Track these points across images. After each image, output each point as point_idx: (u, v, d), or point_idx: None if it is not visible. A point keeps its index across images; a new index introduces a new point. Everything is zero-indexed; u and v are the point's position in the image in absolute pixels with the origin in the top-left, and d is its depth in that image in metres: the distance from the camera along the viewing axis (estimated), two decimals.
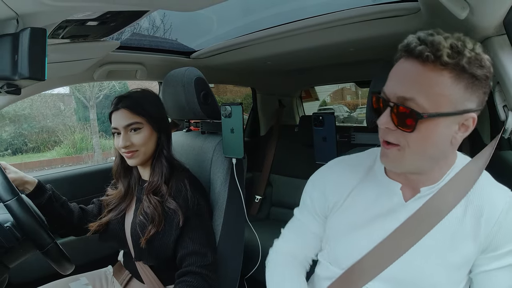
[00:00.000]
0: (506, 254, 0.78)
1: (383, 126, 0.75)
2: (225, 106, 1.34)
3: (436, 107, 0.70)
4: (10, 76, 0.72)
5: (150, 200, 1.18)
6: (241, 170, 1.39)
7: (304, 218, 1.03)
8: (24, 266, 1.44)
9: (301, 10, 1.58)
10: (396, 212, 0.84)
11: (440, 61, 0.68)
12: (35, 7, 0.71)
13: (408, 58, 0.73)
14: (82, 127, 9.89)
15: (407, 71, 0.72)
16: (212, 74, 2.14)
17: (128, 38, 1.75)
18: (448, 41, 0.69)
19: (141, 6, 0.88)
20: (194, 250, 1.14)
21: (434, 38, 0.70)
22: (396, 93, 0.73)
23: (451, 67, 0.69)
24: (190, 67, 1.43)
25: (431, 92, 0.70)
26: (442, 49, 0.68)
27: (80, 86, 9.24)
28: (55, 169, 8.44)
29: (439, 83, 0.70)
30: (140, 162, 1.23)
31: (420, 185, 0.83)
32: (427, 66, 0.70)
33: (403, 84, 0.72)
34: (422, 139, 0.73)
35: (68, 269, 1.00)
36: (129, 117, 1.19)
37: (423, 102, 0.70)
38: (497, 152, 1.80)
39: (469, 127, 0.75)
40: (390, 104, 0.74)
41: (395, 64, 0.77)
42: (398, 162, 0.78)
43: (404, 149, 0.75)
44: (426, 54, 0.69)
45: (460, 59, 0.68)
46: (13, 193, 0.94)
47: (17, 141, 9.34)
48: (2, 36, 0.73)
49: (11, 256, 0.96)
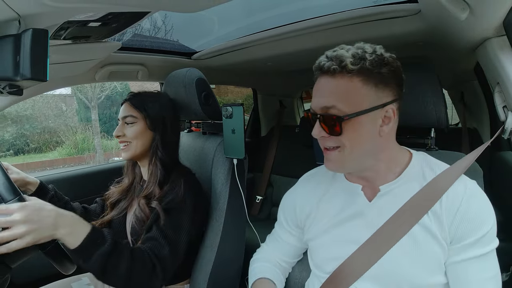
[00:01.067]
0: (471, 245, 0.80)
1: (318, 136, 0.85)
2: (226, 106, 1.35)
3: (355, 108, 0.80)
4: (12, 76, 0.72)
5: (139, 204, 1.20)
6: (242, 171, 1.39)
7: (281, 232, 1.11)
8: (26, 266, 1.44)
9: (302, 11, 1.58)
10: (363, 212, 0.89)
11: (346, 69, 0.78)
12: (37, 8, 0.72)
13: (322, 75, 0.83)
14: (83, 127, 9.92)
15: (323, 85, 0.83)
16: (213, 75, 2.14)
17: (129, 39, 1.76)
18: (350, 51, 0.80)
19: (142, 7, 0.88)
20: (154, 237, 1.10)
21: (338, 53, 0.80)
22: (320, 105, 0.83)
23: (357, 71, 0.78)
24: (191, 68, 1.44)
25: (346, 96, 0.80)
26: (345, 59, 0.78)
27: (82, 87, 9.27)
28: (57, 169, 8.46)
29: (351, 87, 0.79)
30: (131, 156, 1.25)
31: (378, 183, 0.89)
32: (336, 77, 0.80)
33: (323, 96, 0.83)
34: (353, 138, 0.81)
35: (70, 269, 0.99)
36: (127, 110, 1.25)
37: (342, 107, 0.80)
38: (497, 152, 1.80)
39: (391, 118, 0.83)
40: (317, 116, 0.84)
41: (315, 83, 0.87)
42: (341, 163, 0.86)
43: (343, 149, 0.83)
44: (333, 67, 0.79)
45: (363, 63, 0.78)
46: (14, 193, 0.94)
47: (19, 141, 9.37)
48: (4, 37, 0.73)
49: (13, 256, 0.96)
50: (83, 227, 0.95)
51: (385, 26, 1.33)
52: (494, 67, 0.96)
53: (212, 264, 1.28)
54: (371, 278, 0.85)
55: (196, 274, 1.31)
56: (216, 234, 1.31)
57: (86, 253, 0.94)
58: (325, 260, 0.94)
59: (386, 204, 0.86)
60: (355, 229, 0.89)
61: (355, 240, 0.87)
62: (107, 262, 0.96)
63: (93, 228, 0.97)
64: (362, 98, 0.80)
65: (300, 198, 1.04)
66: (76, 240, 0.92)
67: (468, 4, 0.89)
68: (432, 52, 1.66)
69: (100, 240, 0.97)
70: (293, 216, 1.05)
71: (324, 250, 0.95)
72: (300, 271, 1.13)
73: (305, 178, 1.09)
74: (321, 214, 0.97)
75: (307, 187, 1.05)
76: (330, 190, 0.98)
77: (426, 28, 1.26)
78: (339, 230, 0.92)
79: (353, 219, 0.90)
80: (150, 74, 1.87)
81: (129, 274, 1.00)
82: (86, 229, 0.95)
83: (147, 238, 1.11)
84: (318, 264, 0.98)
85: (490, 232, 0.80)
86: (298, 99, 3.24)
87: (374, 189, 0.89)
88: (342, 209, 0.93)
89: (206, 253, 1.31)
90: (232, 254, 1.36)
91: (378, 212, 0.87)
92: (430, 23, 1.21)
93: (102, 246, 0.96)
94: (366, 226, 0.87)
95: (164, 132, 1.25)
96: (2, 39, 0.74)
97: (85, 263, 0.95)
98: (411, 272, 0.82)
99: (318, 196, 0.99)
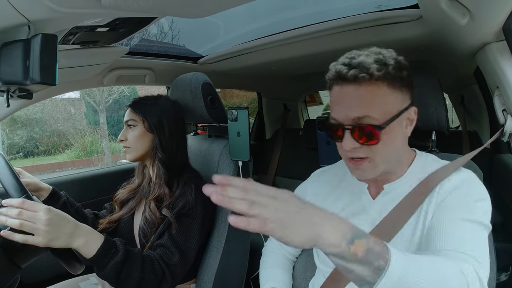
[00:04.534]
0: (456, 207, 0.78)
1: (350, 148, 0.81)
2: (231, 110, 1.36)
3: (387, 115, 0.79)
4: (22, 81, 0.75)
5: (149, 207, 1.22)
6: (247, 173, 1.41)
7: None
8: (35, 266, 1.47)
9: (306, 17, 1.60)
10: (367, 208, 0.92)
11: (373, 77, 0.77)
12: (46, 14, 0.74)
13: (345, 84, 0.80)
14: (92, 130, 10.00)
15: (349, 95, 0.79)
16: (219, 79, 2.17)
17: (137, 44, 1.78)
18: (371, 57, 0.78)
19: (149, 12, 0.90)
20: (165, 245, 1.14)
21: (360, 60, 0.78)
22: (350, 117, 0.79)
23: (383, 77, 0.77)
24: (197, 72, 1.46)
25: (377, 104, 0.78)
26: (370, 66, 0.76)
27: (90, 90, 9.34)
28: (66, 171, 8.53)
29: (380, 94, 0.78)
30: (133, 157, 1.29)
31: (383, 182, 0.90)
32: (363, 85, 0.78)
33: (352, 107, 0.79)
34: (387, 145, 0.80)
35: (78, 269, 1.01)
36: (129, 115, 1.29)
37: (376, 115, 0.78)
38: (497, 155, 1.81)
39: (414, 119, 0.84)
40: (348, 128, 0.80)
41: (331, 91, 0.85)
42: (372, 171, 0.84)
43: (374, 159, 0.82)
44: (361, 75, 0.76)
45: (387, 69, 0.77)
46: (22, 190, 0.97)
47: (29, 144, 9.47)
48: (14, 42, 0.76)
49: (22, 256, 0.98)
50: (97, 238, 0.99)
51: (387, 31, 1.35)
52: (494, 71, 0.97)
53: (218, 265, 1.30)
54: None
55: (202, 274, 1.33)
56: (221, 235, 1.33)
57: (100, 263, 0.98)
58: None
59: (389, 202, 0.88)
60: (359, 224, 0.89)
61: None
62: (120, 272, 1.01)
63: (106, 239, 1.00)
64: (391, 104, 0.80)
65: (311, 191, 1.06)
66: (90, 250, 0.97)
67: (468, 10, 0.90)
68: (433, 56, 1.67)
69: (114, 250, 1.01)
70: None
71: None
72: (304, 271, 1.15)
73: (317, 174, 1.12)
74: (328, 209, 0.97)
75: (318, 183, 1.07)
76: (339, 188, 1.01)
77: (427, 33, 1.27)
78: None
79: (357, 215, 0.92)
80: (157, 78, 1.89)
81: (140, 282, 1.04)
82: (100, 240, 0.99)
83: (158, 244, 1.15)
84: (323, 258, 0.99)
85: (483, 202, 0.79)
86: (302, 103, 3.26)
87: (378, 187, 0.92)
88: (347, 206, 0.96)
89: (212, 253, 1.33)
90: (238, 255, 1.38)
91: (380, 209, 0.89)
92: (431, 28, 1.22)
93: (115, 256, 1.00)
94: (369, 223, 0.89)
95: (163, 134, 1.27)
96: (12, 44, 0.76)
97: (99, 272, 1.00)
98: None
99: (328, 193, 1.02)
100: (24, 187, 0.99)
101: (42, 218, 0.88)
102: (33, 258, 1.01)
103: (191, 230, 1.18)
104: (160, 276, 1.08)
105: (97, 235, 1.00)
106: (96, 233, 1.00)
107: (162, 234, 1.16)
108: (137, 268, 1.03)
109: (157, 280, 1.08)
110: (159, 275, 1.08)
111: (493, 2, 0.80)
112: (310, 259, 1.12)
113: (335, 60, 0.85)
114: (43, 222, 0.88)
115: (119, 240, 1.05)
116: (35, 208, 0.90)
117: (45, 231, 0.88)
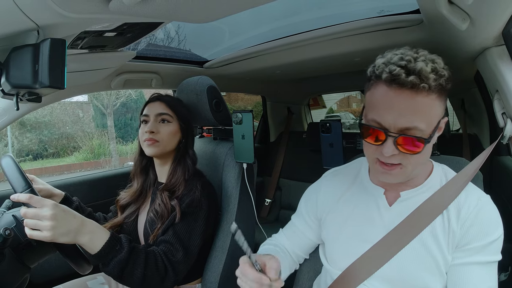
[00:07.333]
0: (477, 250, 0.81)
1: (389, 155, 0.77)
2: (236, 113, 1.39)
3: (431, 126, 0.77)
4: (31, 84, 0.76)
5: (162, 197, 1.22)
6: (251, 175, 1.43)
7: (299, 223, 1.11)
8: (44, 266, 1.50)
9: (309, 22, 1.61)
10: (382, 215, 0.91)
11: (430, 88, 0.73)
12: (55, 19, 0.75)
13: (398, 88, 0.74)
14: (100, 133, 10.10)
15: (402, 102, 0.74)
16: (224, 82, 2.18)
17: (144, 48, 1.80)
18: (429, 66, 0.73)
19: (156, 18, 0.91)
20: (169, 241, 1.14)
21: (417, 66, 0.72)
22: (397, 125, 0.75)
23: (435, 89, 0.74)
24: (202, 76, 1.48)
25: (428, 116, 0.76)
26: (429, 75, 0.72)
27: (98, 94, 9.46)
28: (74, 173, 8.60)
29: (432, 106, 0.75)
30: (157, 153, 1.27)
31: (401, 189, 0.90)
32: (420, 94, 0.73)
33: (403, 115, 0.74)
34: (423, 155, 0.79)
35: (86, 269, 1.02)
36: (163, 108, 1.29)
37: (423, 127, 0.75)
38: (496, 157, 1.81)
39: (442, 128, 0.82)
40: (392, 135, 0.76)
41: (375, 90, 0.79)
42: (401, 177, 0.83)
43: (407, 167, 0.80)
44: (422, 85, 0.72)
45: (440, 79, 0.74)
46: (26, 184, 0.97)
47: (38, 146, 9.57)
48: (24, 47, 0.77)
49: (32, 256, 1.00)
50: (102, 235, 1.00)
51: (389, 36, 1.36)
52: (494, 75, 0.98)
53: (223, 265, 1.31)
54: (380, 277, 0.87)
55: (208, 274, 1.35)
56: (226, 235, 1.35)
57: (105, 259, 0.99)
58: (339, 255, 0.96)
59: (404, 210, 0.87)
60: (372, 229, 0.91)
61: (370, 240, 0.89)
62: (124, 268, 1.01)
63: (112, 235, 1.01)
64: (436, 115, 0.77)
65: (323, 191, 1.05)
66: (95, 246, 0.97)
67: (468, 15, 0.91)
68: None
69: (118, 247, 1.01)
70: (314, 207, 1.05)
71: (339, 245, 0.96)
72: (308, 271, 1.16)
73: (330, 173, 1.10)
74: (340, 210, 0.98)
75: (331, 183, 1.05)
76: (352, 189, 1.00)
77: (428, 38, 1.28)
78: (357, 228, 0.93)
79: (372, 220, 0.92)
80: (163, 82, 1.91)
81: (143, 278, 1.05)
82: (105, 236, 1.00)
83: (162, 240, 1.15)
84: (332, 259, 0.99)
85: (497, 241, 0.81)
86: (306, 106, 3.28)
87: (395, 194, 0.91)
88: (362, 209, 0.94)
89: (218, 253, 1.35)
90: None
91: (395, 216, 0.88)
92: (432, 33, 1.23)
93: (120, 254, 1.01)
94: (383, 229, 0.89)
95: (191, 134, 1.32)
96: (22, 49, 0.78)
97: (104, 268, 1.01)
98: (415, 275, 0.84)
99: (341, 193, 1.01)
100: (29, 181, 0.99)
101: (46, 213, 0.88)
102: (42, 258, 1.03)
103: (196, 228, 1.19)
104: (163, 273, 1.09)
105: (103, 231, 1.01)
106: (102, 230, 1.01)
107: (166, 230, 1.17)
108: (140, 265, 1.04)
109: (160, 277, 1.09)
110: (162, 272, 1.09)
111: (493, 8, 0.81)
112: (314, 259, 1.13)
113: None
114: (47, 218, 0.88)
115: (125, 237, 1.06)
116: (42, 203, 0.90)
117: (51, 226, 0.88)
